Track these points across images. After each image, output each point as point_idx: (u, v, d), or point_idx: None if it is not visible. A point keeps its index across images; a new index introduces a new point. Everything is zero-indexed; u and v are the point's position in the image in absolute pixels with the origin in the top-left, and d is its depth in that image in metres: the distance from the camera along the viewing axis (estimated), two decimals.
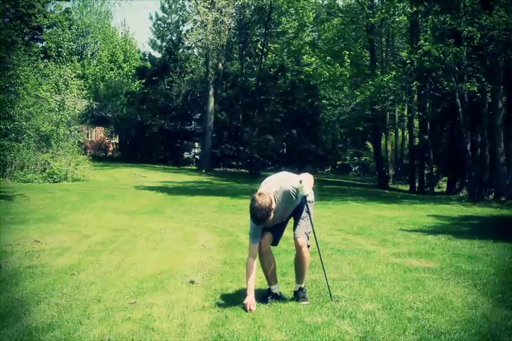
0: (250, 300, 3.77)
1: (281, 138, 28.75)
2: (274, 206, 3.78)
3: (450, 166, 22.62)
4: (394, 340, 3.17)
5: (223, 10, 26.00)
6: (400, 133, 34.96)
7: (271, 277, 4.07)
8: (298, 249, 3.99)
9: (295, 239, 3.99)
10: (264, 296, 3.99)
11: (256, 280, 4.02)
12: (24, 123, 15.91)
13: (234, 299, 3.97)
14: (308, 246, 4.01)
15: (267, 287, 4.12)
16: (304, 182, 3.88)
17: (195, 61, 34.11)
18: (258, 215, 3.70)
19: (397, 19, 23.99)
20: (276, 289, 4.08)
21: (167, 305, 3.86)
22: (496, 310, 3.75)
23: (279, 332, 3.29)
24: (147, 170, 24.47)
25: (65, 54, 20.31)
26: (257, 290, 3.99)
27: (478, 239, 7.12)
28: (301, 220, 4.03)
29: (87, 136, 28.78)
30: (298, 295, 4.02)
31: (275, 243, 4.13)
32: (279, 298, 4.03)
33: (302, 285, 4.07)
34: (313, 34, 30.68)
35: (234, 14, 28.19)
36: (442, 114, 22.85)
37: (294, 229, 4.04)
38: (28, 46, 18.16)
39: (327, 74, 23.14)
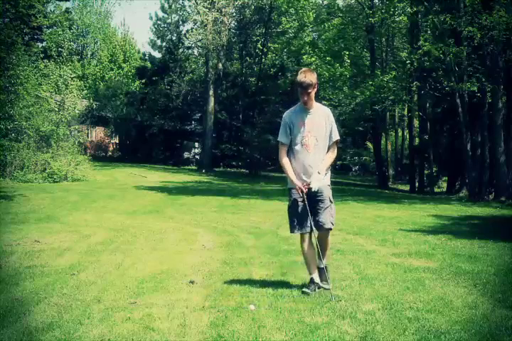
0: (300, 184, 4.10)
1: None
2: (316, 85, 4.16)
3: (450, 166, 22.62)
4: (394, 340, 3.16)
5: (223, 10, 26.02)
6: (400, 133, 34.95)
7: (312, 266, 4.26)
8: (322, 234, 4.21)
9: (320, 226, 4.16)
10: (307, 285, 4.16)
11: (258, 277, 4.01)
12: (24, 123, 15.91)
13: (234, 299, 3.97)
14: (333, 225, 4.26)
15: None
16: (313, 178, 4.12)
17: (195, 61, 34.09)
18: (304, 79, 4.04)
19: (397, 19, 23.95)
20: (317, 278, 4.24)
21: (167, 305, 3.85)
22: (496, 310, 3.74)
23: (279, 332, 3.29)
24: (147, 170, 24.47)
25: (65, 54, 20.30)
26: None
27: (478, 239, 7.12)
28: (327, 209, 4.20)
29: (87, 136, 28.77)
30: (321, 277, 4.22)
31: (317, 227, 4.23)
32: (319, 288, 4.19)
33: (326, 264, 4.31)
34: (313, 34, 30.63)
35: (234, 14, 28.22)
36: (442, 114, 22.82)
37: (318, 217, 4.16)
38: (28, 46, 18.20)
39: (327, 74, 23.12)
